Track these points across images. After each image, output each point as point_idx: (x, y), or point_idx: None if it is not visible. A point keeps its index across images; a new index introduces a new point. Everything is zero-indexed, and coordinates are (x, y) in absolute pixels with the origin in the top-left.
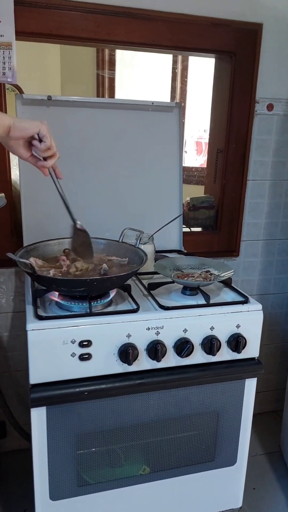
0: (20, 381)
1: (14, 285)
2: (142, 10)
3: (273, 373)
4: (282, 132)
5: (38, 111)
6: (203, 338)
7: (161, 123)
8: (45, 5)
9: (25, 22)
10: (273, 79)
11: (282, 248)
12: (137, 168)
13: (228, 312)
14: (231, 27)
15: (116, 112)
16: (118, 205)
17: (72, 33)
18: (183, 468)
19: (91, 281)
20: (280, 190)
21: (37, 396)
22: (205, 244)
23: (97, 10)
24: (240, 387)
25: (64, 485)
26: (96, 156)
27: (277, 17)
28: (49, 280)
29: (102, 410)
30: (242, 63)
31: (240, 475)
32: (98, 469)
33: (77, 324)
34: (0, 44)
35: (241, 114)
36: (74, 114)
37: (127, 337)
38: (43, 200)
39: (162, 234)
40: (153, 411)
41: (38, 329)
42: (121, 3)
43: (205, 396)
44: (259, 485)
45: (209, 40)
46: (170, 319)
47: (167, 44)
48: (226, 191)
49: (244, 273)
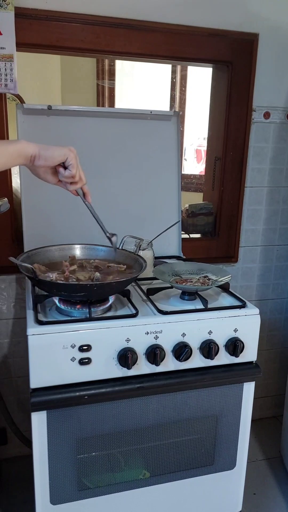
0: (21, 387)
1: (15, 292)
2: (140, 22)
3: (273, 378)
4: (278, 139)
5: (39, 120)
6: (201, 342)
7: (160, 132)
8: (45, 17)
9: (25, 34)
10: (269, 88)
11: (280, 253)
12: (137, 176)
13: (226, 317)
14: (227, 38)
15: (115, 121)
16: (118, 212)
17: (72, 44)
18: (182, 472)
19: (91, 286)
20: (277, 196)
21: (37, 400)
22: (204, 250)
23: (96, 21)
24: (238, 391)
25: (65, 489)
26: (96, 164)
27: (272, 27)
28: (49, 285)
29: (102, 414)
30: (239, 72)
31: (240, 479)
32: (98, 474)
33: (77, 329)
34: (2, 57)
35: (238, 122)
36: (74, 123)
37: (126, 342)
38: (43, 207)
39: (161, 240)
40: (152, 415)
41: (39, 334)
42: (119, 14)
43: (204, 400)
44: (260, 491)
45: (206, 50)
46: (168, 323)
47: (165, 55)
48: (224, 198)
49: (243, 279)
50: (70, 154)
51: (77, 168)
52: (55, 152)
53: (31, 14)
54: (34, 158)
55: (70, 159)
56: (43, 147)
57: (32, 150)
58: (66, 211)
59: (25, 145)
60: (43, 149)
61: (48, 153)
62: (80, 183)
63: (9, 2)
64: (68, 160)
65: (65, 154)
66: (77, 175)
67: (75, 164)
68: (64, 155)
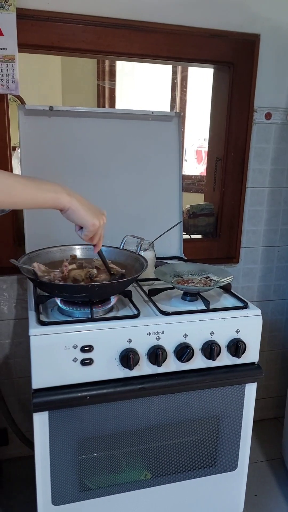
0: (22, 388)
1: (16, 293)
2: (141, 22)
3: (274, 379)
4: (280, 140)
5: (40, 121)
6: (203, 343)
7: (161, 132)
8: (46, 18)
9: (27, 35)
10: (270, 88)
11: (282, 254)
12: (138, 177)
13: (228, 317)
14: (228, 38)
15: (116, 122)
16: (119, 213)
17: (73, 45)
18: (184, 473)
19: (93, 286)
20: (279, 197)
21: (39, 401)
22: (205, 251)
23: (97, 22)
24: (240, 391)
25: (66, 490)
26: (97, 164)
27: (273, 28)
28: (51, 286)
29: (103, 415)
30: (240, 73)
31: (241, 480)
32: (100, 475)
33: (79, 330)
34: (4, 58)
35: (239, 123)
36: (75, 124)
37: (128, 342)
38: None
39: (163, 241)
40: (154, 416)
41: (41, 335)
42: (120, 15)
43: (206, 401)
44: (261, 492)
45: (207, 51)
46: (170, 324)
47: (166, 55)
48: (226, 199)
49: (244, 280)
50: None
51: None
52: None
53: (32, 15)
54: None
55: (87, 231)
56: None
57: (66, 204)
58: None
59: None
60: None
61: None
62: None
63: (11, 3)
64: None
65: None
66: (95, 240)
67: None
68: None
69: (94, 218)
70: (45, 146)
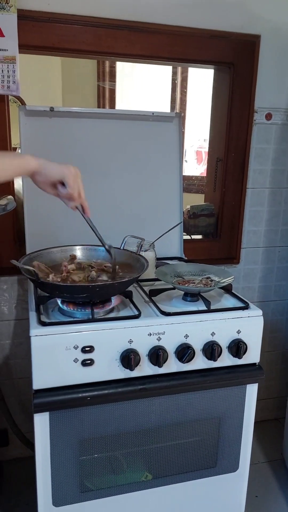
0: (23, 389)
1: (16, 293)
2: (142, 23)
3: (274, 380)
4: (280, 141)
5: (41, 122)
6: (204, 343)
7: (162, 133)
8: (47, 19)
9: (28, 36)
10: (271, 89)
11: (282, 255)
12: (138, 177)
13: (229, 318)
14: (229, 39)
15: (117, 123)
16: (119, 213)
17: (73, 46)
18: (185, 474)
19: (94, 287)
20: (279, 198)
21: (40, 402)
22: (206, 251)
23: (98, 23)
24: (241, 392)
25: (67, 491)
26: (98, 165)
27: (274, 29)
28: (52, 287)
29: (104, 416)
30: (241, 73)
31: (243, 481)
32: (100, 476)
33: (80, 330)
34: (5, 58)
35: (240, 123)
36: (76, 125)
37: (129, 343)
38: (45, 208)
39: (163, 241)
40: (155, 417)
41: (41, 335)
42: (121, 16)
43: (207, 402)
44: (262, 493)
45: (208, 52)
46: (171, 325)
47: (167, 56)
48: (226, 199)
49: (244, 280)
50: (69, 174)
51: (76, 187)
52: (52, 171)
53: (33, 16)
54: (34, 173)
55: (68, 178)
56: (44, 163)
57: (33, 166)
58: (68, 212)
59: (29, 160)
60: (44, 165)
61: (47, 170)
62: (78, 200)
63: (12, 4)
64: (65, 179)
65: (63, 174)
66: (74, 193)
67: (72, 184)
68: (62, 174)
69: (69, 166)
70: (46, 147)
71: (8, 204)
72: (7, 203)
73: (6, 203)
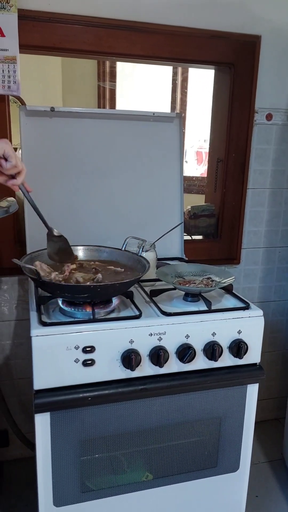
0: (23, 389)
1: (17, 294)
2: (143, 23)
3: (275, 380)
4: (280, 141)
5: (41, 122)
6: (205, 344)
7: (162, 133)
8: (48, 19)
9: (28, 35)
10: (271, 90)
11: (283, 255)
12: (139, 177)
13: (230, 318)
14: (229, 39)
15: (118, 123)
16: (120, 214)
17: (74, 46)
18: (185, 474)
19: (95, 287)
20: (279, 198)
21: (41, 402)
22: (206, 251)
23: (98, 23)
24: (242, 392)
25: (68, 491)
26: (98, 165)
27: (274, 29)
28: (53, 286)
29: (105, 416)
30: (241, 74)
31: (243, 481)
32: (101, 476)
33: (81, 330)
34: (5, 58)
35: (240, 124)
36: (76, 125)
37: (129, 343)
38: (46, 208)
39: (164, 242)
40: (156, 417)
41: (42, 335)
42: (121, 16)
43: (207, 402)
44: (262, 493)
45: (208, 52)
46: (172, 325)
47: (167, 56)
48: (227, 200)
49: (245, 281)
50: (6, 146)
51: (16, 157)
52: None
53: (34, 16)
54: None
55: (8, 151)
56: None
57: None
58: (69, 212)
59: None
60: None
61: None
62: (23, 172)
63: (12, 4)
64: (6, 152)
65: (2, 147)
66: (19, 164)
67: (13, 154)
68: (1, 148)
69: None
70: (46, 147)
71: (10, 206)
72: (10, 205)
73: (8, 205)
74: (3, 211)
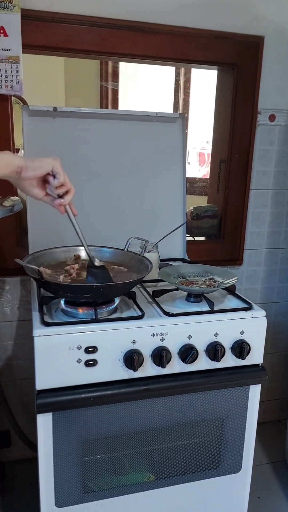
0: (25, 390)
1: (19, 294)
2: (146, 24)
3: (277, 382)
4: (284, 142)
5: (44, 122)
6: (207, 344)
7: (165, 134)
8: (51, 19)
9: (31, 35)
10: (274, 90)
11: (285, 256)
12: (142, 178)
13: (232, 319)
14: (233, 40)
15: (120, 123)
16: (122, 214)
17: (77, 46)
18: (187, 475)
19: (97, 287)
20: (282, 199)
21: (43, 402)
22: (209, 252)
23: (101, 23)
24: (244, 393)
25: (70, 492)
26: (101, 166)
27: (278, 30)
28: (55, 286)
29: (107, 416)
30: (244, 74)
31: (245, 482)
32: (103, 476)
33: (83, 330)
34: (8, 58)
35: (243, 124)
36: (79, 125)
37: (132, 344)
38: (48, 209)
39: (166, 242)
40: (158, 418)
41: (45, 335)
42: (125, 16)
43: (210, 403)
44: (264, 494)
45: (211, 53)
46: (174, 325)
47: (170, 57)
48: (229, 201)
49: (247, 282)
50: (55, 162)
51: (65, 175)
52: (41, 162)
53: (37, 16)
54: (21, 169)
55: (56, 167)
56: (28, 159)
57: (19, 162)
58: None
59: (12, 157)
60: (29, 160)
61: (35, 163)
62: (72, 192)
63: (15, 3)
64: (54, 168)
65: (50, 163)
66: (68, 183)
67: (62, 172)
68: (50, 164)
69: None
70: (49, 147)
71: (15, 205)
72: (14, 204)
73: (13, 204)
74: (7, 210)
